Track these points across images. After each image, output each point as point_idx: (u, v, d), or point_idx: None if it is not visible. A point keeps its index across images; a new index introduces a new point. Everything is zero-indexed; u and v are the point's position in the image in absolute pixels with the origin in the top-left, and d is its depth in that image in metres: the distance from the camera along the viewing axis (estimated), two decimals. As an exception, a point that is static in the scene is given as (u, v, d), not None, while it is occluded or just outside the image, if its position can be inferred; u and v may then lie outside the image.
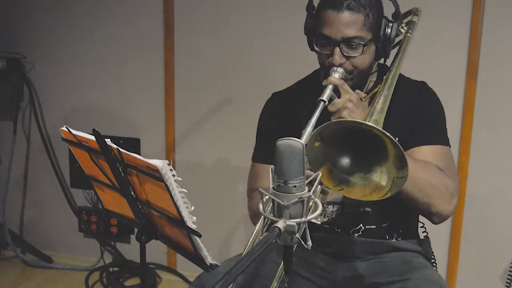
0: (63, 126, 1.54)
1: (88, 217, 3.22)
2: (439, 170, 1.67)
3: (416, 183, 1.59)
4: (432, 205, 1.65)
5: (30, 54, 3.15)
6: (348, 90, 1.63)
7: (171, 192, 1.34)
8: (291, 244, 1.14)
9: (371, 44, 1.68)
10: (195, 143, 3.03)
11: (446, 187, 1.66)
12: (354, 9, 1.62)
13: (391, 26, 1.68)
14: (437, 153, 1.72)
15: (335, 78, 1.64)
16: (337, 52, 1.65)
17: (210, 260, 1.46)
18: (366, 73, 1.74)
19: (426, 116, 1.77)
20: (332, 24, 1.64)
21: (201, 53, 2.92)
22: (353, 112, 1.58)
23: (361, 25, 1.63)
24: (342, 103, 1.59)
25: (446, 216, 1.69)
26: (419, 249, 1.85)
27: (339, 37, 1.64)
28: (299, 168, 1.09)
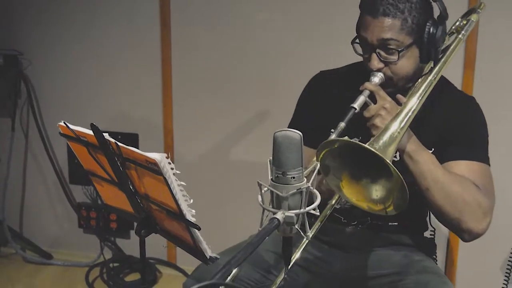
0: (61, 121, 1.54)
1: (87, 213, 3.22)
2: (474, 187, 1.63)
3: (448, 196, 1.57)
4: (463, 222, 1.61)
5: (27, 51, 3.14)
6: (383, 96, 1.61)
7: (170, 185, 1.34)
8: (290, 235, 1.15)
9: (411, 49, 1.64)
10: (193, 137, 3.03)
11: (480, 204, 1.62)
12: (391, 14, 1.59)
13: (436, 28, 1.63)
14: (475, 169, 1.68)
15: (371, 84, 1.63)
16: (374, 57, 1.64)
17: (210, 253, 1.46)
18: (410, 78, 1.70)
19: (468, 132, 1.73)
20: (368, 29, 1.62)
21: (198, 47, 2.92)
22: (385, 120, 1.56)
23: (397, 30, 1.60)
24: (376, 109, 1.58)
25: (477, 235, 1.64)
26: (421, 244, 1.85)
27: (375, 40, 1.62)
28: (298, 160, 1.09)
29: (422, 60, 1.68)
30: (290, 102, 1.99)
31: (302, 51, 2.75)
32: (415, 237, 1.85)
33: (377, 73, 1.65)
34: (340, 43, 2.61)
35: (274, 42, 2.80)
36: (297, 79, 2.01)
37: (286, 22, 2.76)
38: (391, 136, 1.50)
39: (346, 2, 2.61)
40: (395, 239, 1.81)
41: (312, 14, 2.71)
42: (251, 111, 2.88)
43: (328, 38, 2.69)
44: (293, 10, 2.73)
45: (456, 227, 1.63)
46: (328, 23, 2.69)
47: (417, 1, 1.62)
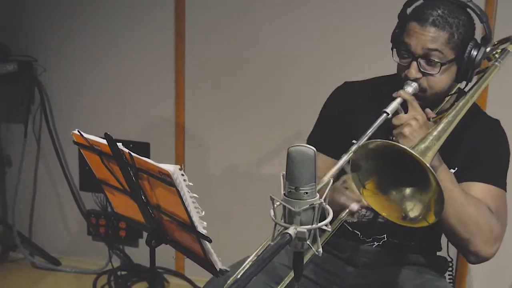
0: (75, 130, 1.54)
1: (96, 220, 3.23)
2: (488, 210, 1.62)
3: (461, 217, 1.56)
4: (472, 244, 1.60)
5: (42, 57, 3.16)
6: (416, 107, 1.60)
7: (182, 197, 1.35)
8: (301, 250, 1.14)
9: (451, 65, 1.63)
10: (205, 147, 3.03)
11: (491, 229, 1.61)
12: (439, 26, 1.59)
13: (478, 49, 1.63)
14: (491, 193, 1.67)
15: (406, 93, 1.61)
16: (414, 66, 1.62)
17: (220, 265, 1.46)
18: (442, 94, 1.69)
19: (490, 154, 1.72)
20: (414, 36, 1.61)
21: (212, 58, 2.92)
22: (415, 131, 1.55)
23: (443, 43, 1.59)
24: (406, 119, 1.56)
25: (483, 259, 1.64)
26: (434, 263, 1.84)
27: (419, 49, 1.61)
28: (311, 175, 1.09)
29: (457, 79, 1.67)
30: (305, 114, 1.98)
31: (316, 60, 2.74)
32: (429, 256, 1.84)
33: (412, 82, 1.63)
34: (356, 52, 2.65)
35: (289, 52, 2.80)
36: (312, 89, 2.00)
37: (299, 31, 2.76)
38: (427, 146, 1.47)
39: (359, 11, 2.63)
40: (408, 259, 1.80)
41: (327, 23, 2.70)
42: (265, 123, 2.89)
43: (348, 47, 2.68)
44: (307, 19, 2.73)
45: (465, 248, 1.63)
46: (343, 32, 2.68)
47: (464, 19, 1.62)
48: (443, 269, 1.86)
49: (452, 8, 1.61)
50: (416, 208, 1.43)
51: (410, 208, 1.44)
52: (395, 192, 1.47)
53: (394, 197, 1.47)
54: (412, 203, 1.44)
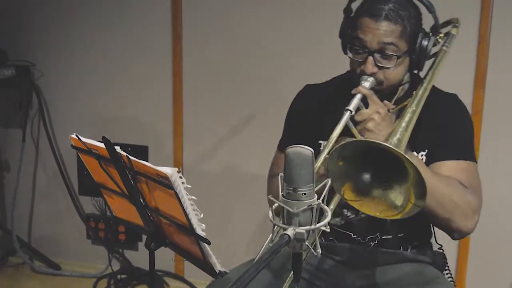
0: (73, 134, 1.54)
1: (96, 224, 3.23)
2: (462, 186, 1.65)
3: (437, 198, 1.58)
4: (453, 221, 1.63)
5: (39, 62, 3.16)
6: (377, 101, 1.62)
7: (181, 199, 1.35)
8: (300, 251, 1.14)
9: (405, 57, 1.66)
10: (203, 150, 3.03)
11: (468, 203, 1.64)
12: (392, 19, 1.61)
13: (428, 39, 1.67)
14: (462, 168, 1.70)
15: (365, 88, 1.63)
16: (370, 61, 1.65)
17: (219, 267, 1.46)
18: (397, 84, 1.73)
19: (453, 131, 1.75)
20: (368, 32, 1.63)
21: (209, 59, 2.93)
22: (379, 125, 1.58)
23: (397, 35, 1.62)
24: (369, 114, 1.59)
25: (466, 233, 1.67)
26: (432, 260, 1.84)
27: (375, 44, 1.63)
28: (309, 176, 1.09)
29: (411, 68, 1.72)
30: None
31: (315, 61, 2.74)
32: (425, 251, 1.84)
33: (368, 77, 1.65)
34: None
35: (287, 52, 2.81)
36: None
37: (297, 31, 2.77)
38: (399, 139, 1.50)
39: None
40: (407, 256, 1.81)
41: (325, 24, 2.70)
42: (263, 125, 2.89)
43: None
44: (305, 19, 2.73)
45: (447, 227, 1.66)
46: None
47: (413, 11, 1.66)
48: (442, 265, 1.87)
49: (401, 1, 1.64)
50: (400, 198, 1.44)
51: (395, 199, 1.46)
52: (376, 190, 1.48)
53: (376, 194, 1.48)
54: (395, 195, 1.45)
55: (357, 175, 1.46)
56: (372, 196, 1.47)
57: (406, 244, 1.81)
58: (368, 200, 1.47)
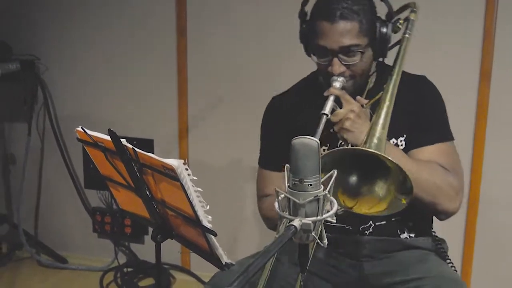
0: (78, 127, 1.54)
1: (102, 217, 3.24)
2: (442, 170, 1.69)
3: (420, 184, 1.60)
4: (438, 204, 1.68)
5: (44, 56, 3.17)
6: (350, 100, 1.64)
7: (187, 191, 1.35)
8: (306, 242, 1.14)
9: (368, 49, 1.68)
10: (208, 143, 3.03)
11: (451, 185, 1.68)
12: (348, 17, 1.62)
13: (386, 26, 1.69)
14: (440, 151, 1.74)
15: (336, 89, 1.65)
16: (336, 62, 1.66)
17: (226, 259, 1.46)
18: (366, 76, 1.76)
19: (428, 113, 1.78)
20: (328, 35, 1.64)
21: (214, 54, 2.93)
22: (355, 123, 1.60)
23: (356, 32, 1.64)
24: (344, 113, 1.61)
25: (451, 213, 1.72)
26: (433, 247, 1.84)
27: (336, 47, 1.64)
28: (315, 167, 1.09)
29: (375, 58, 1.73)
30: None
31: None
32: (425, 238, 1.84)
33: (338, 77, 1.67)
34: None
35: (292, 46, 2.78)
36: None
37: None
38: (379, 138, 1.54)
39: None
40: (407, 243, 1.81)
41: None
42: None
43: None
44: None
45: (432, 210, 1.72)
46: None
47: (366, 2, 1.67)
48: (441, 252, 1.86)
49: None
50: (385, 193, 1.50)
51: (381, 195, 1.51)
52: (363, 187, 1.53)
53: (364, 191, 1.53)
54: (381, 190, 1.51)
55: (344, 180, 1.52)
56: (361, 194, 1.53)
57: (402, 227, 1.81)
58: (360, 199, 1.52)
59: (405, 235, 1.81)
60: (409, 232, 1.82)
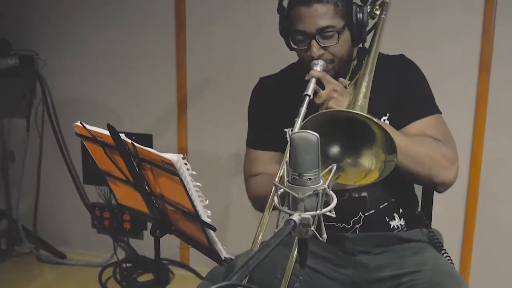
0: (77, 122, 1.54)
1: (101, 213, 3.24)
2: (434, 141, 1.71)
3: (414, 158, 1.64)
4: (434, 176, 1.69)
5: (43, 51, 3.16)
6: (331, 80, 1.67)
7: (186, 186, 1.35)
8: (306, 237, 1.14)
9: (345, 31, 1.71)
10: (207, 138, 3.03)
11: (445, 156, 1.70)
12: (323, 1, 1.66)
13: (362, 11, 1.72)
14: (429, 124, 1.76)
15: (317, 71, 1.68)
16: (314, 44, 1.70)
17: (225, 254, 1.46)
18: (347, 60, 1.78)
19: (411, 90, 1.80)
20: (304, 19, 1.68)
21: (213, 48, 2.92)
22: (339, 101, 1.63)
23: (332, 15, 1.67)
24: (327, 93, 1.64)
25: (449, 184, 1.73)
26: (427, 239, 1.84)
27: (313, 30, 1.68)
28: (314, 161, 1.09)
29: (354, 43, 1.76)
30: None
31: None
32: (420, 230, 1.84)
33: (317, 61, 1.70)
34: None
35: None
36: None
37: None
38: (361, 106, 1.55)
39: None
40: (401, 237, 1.81)
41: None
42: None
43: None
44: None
45: (430, 183, 1.73)
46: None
47: None
48: (436, 243, 1.86)
49: None
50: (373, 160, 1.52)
51: (369, 163, 1.53)
52: (348, 160, 1.55)
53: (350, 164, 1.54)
54: (368, 159, 1.52)
55: (327, 151, 1.53)
56: (347, 167, 1.54)
57: (391, 213, 1.82)
58: (344, 172, 1.52)
59: (395, 222, 1.81)
60: (400, 219, 1.82)
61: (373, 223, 1.80)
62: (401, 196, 1.84)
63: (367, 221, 1.79)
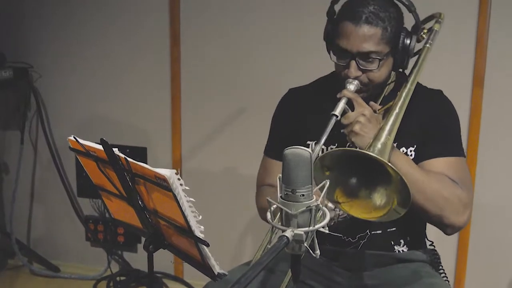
0: (71, 136, 1.54)
1: (95, 226, 3.22)
2: (451, 182, 1.66)
3: (428, 195, 1.60)
4: (445, 217, 1.64)
5: (37, 64, 3.16)
6: (362, 103, 1.63)
7: (179, 201, 1.34)
8: (299, 253, 1.14)
9: (388, 58, 1.67)
10: (202, 151, 3.03)
11: (459, 198, 1.65)
12: (373, 22, 1.61)
13: (410, 38, 1.67)
14: (451, 164, 1.71)
15: (349, 92, 1.64)
16: (353, 65, 1.65)
17: (218, 269, 1.45)
18: (383, 84, 1.74)
19: (440, 127, 1.76)
20: (349, 37, 1.63)
21: (207, 62, 2.93)
22: (365, 127, 1.59)
23: (378, 39, 1.62)
24: (355, 117, 1.60)
25: (458, 228, 1.69)
26: (426, 259, 1.84)
27: (355, 51, 1.63)
28: (307, 177, 1.09)
29: (395, 68, 1.72)
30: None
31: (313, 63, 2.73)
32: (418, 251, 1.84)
33: (353, 80, 1.67)
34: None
35: (285, 55, 2.80)
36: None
37: (296, 34, 2.76)
38: (383, 143, 1.53)
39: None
40: (401, 257, 1.81)
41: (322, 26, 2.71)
42: (262, 126, 2.87)
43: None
44: (303, 22, 2.73)
45: (439, 223, 1.68)
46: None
47: (393, 11, 1.66)
48: (436, 263, 1.87)
49: (381, 2, 1.64)
50: (383, 200, 1.49)
51: (378, 201, 1.50)
52: (362, 191, 1.52)
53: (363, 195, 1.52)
54: (379, 197, 1.50)
55: (345, 180, 1.51)
56: (359, 197, 1.52)
57: (397, 239, 1.81)
58: (356, 201, 1.51)
59: (399, 247, 1.81)
60: (404, 246, 1.82)
61: (377, 243, 1.79)
62: (411, 226, 1.82)
63: (372, 240, 1.79)
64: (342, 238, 1.79)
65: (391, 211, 1.47)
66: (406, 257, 1.81)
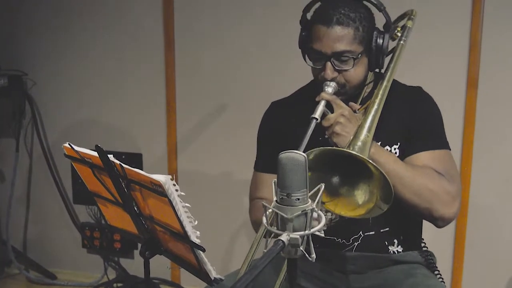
0: (66, 143, 1.54)
1: (91, 233, 3.22)
2: (437, 175, 1.68)
3: (415, 189, 1.62)
4: (434, 210, 1.66)
5: (32, 71, 3.16)
6: (341, 104, 1.65)
7: (175, 207, 1.34)
8: (295, 257, 1.14)
9: (362, 57, 1.69)
10: (197, 157, 3.03)
11: (446, 191, 1.67)
12: (344, 23, 1.64)
13: (383, 37, 1.69)
14: (436, 157, 1.73)
15: (327, 94, 1.67)
16: (329, 66, 1.68)
17: (214, 274, 1.45)
18: (360, 85, 1.76)
19: (423, 122, 1.78)
20: (322, 39, 1.66)
21: (202, 67, 2.93)
22: (345, 127, 1.61)
23: (351, 39, 1.65)
24: (335, 118, 1.62)
25: (449, 220, 1.70)
26: (421, 260, 1.84)
27: (330, 52, 1.66)
28: (302, 181, 1.09)
29: (371, 68, 1.74)
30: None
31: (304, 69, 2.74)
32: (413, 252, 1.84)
33: (330, 83, 1.69)
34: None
35: (279, 60, 2.81)
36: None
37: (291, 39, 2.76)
38: (363, 141, 1.55)
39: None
40: (395, 259, 1.81)
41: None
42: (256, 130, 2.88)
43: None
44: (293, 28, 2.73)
45: (429, 217, 1.69)
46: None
47: (364, 11, 1.68)
48: (431, 264, 1.87)
49: (351, 4, 1.67)
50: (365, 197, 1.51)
51: (360, 198, 1.52)
52: (344, 188, 1.54)
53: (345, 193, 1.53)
54: (361, 194, 1.51)
55: (328, 179, 1.52)
56: (343, 196, 1.53)
57: (391, 239, 1.81)
58: (340, 199, 1.52)
59: (393, 248, 1.81)
60: (398, 246, 1.82)
61: (371, 245, 1.79)
62: (404, 225, 1.82)
63: (366, 241, 1.79)
64: (336, 240, 1.80)
65: (374, 207, 1.48)
66: (401, 259, 1.81)
